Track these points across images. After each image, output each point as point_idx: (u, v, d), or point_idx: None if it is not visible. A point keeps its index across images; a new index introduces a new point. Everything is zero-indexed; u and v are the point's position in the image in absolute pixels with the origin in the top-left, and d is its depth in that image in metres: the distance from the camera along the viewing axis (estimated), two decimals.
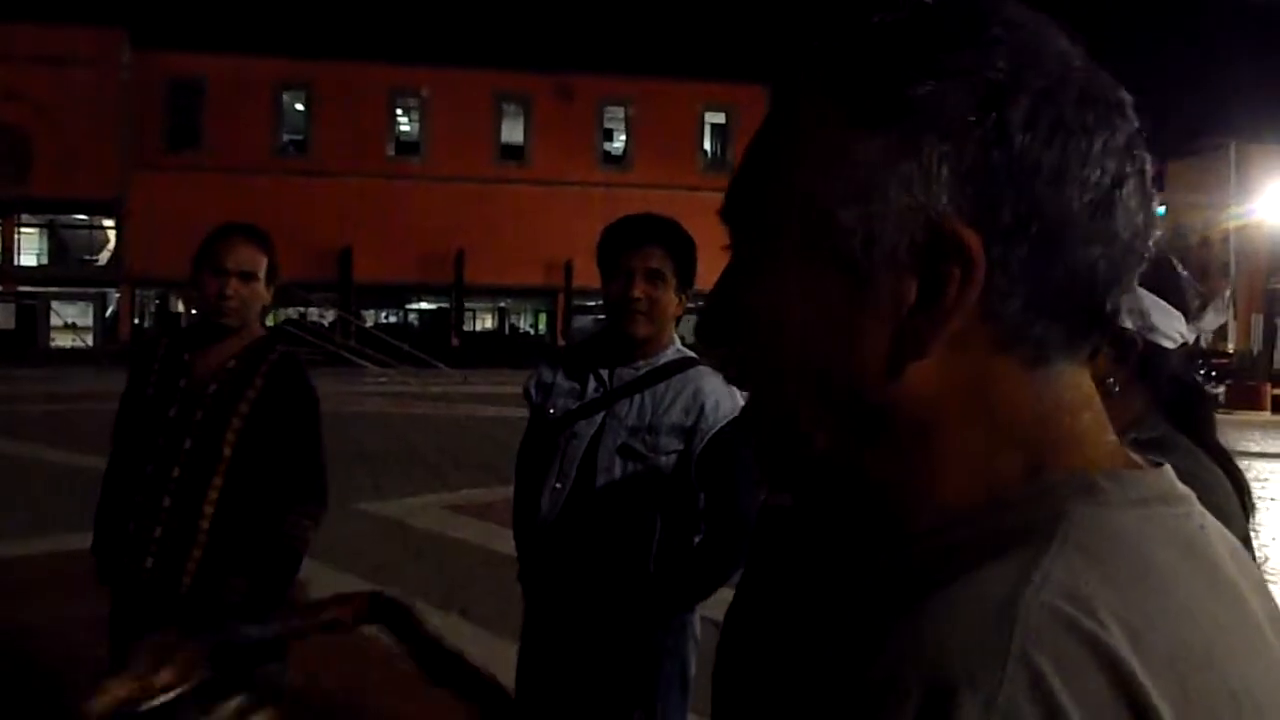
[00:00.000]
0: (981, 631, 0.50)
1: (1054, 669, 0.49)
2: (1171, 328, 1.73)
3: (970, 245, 0.56)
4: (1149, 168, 0.61)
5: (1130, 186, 0.59)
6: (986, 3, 0.61)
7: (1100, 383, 0.72)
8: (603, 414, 2.66)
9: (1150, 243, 0.62)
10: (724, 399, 2.64)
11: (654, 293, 2.64)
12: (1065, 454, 0.59)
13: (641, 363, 2.69)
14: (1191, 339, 1.77)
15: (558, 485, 2.66)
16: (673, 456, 2.61)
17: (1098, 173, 0.58)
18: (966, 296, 0.57)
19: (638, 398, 2.65)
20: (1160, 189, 0.62)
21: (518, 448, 2.88)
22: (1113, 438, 0.63)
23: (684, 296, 2.71)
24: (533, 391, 2.82)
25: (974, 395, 0.59)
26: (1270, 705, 0.55)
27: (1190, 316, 1.75)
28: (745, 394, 0.67)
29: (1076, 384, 0.61)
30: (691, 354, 2.76)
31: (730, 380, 0.67)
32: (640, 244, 2.65)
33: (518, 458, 2.85)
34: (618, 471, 2.61)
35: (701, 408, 2.61)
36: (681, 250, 2.69)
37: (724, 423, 2.61)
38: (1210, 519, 0.62)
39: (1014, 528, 0.55)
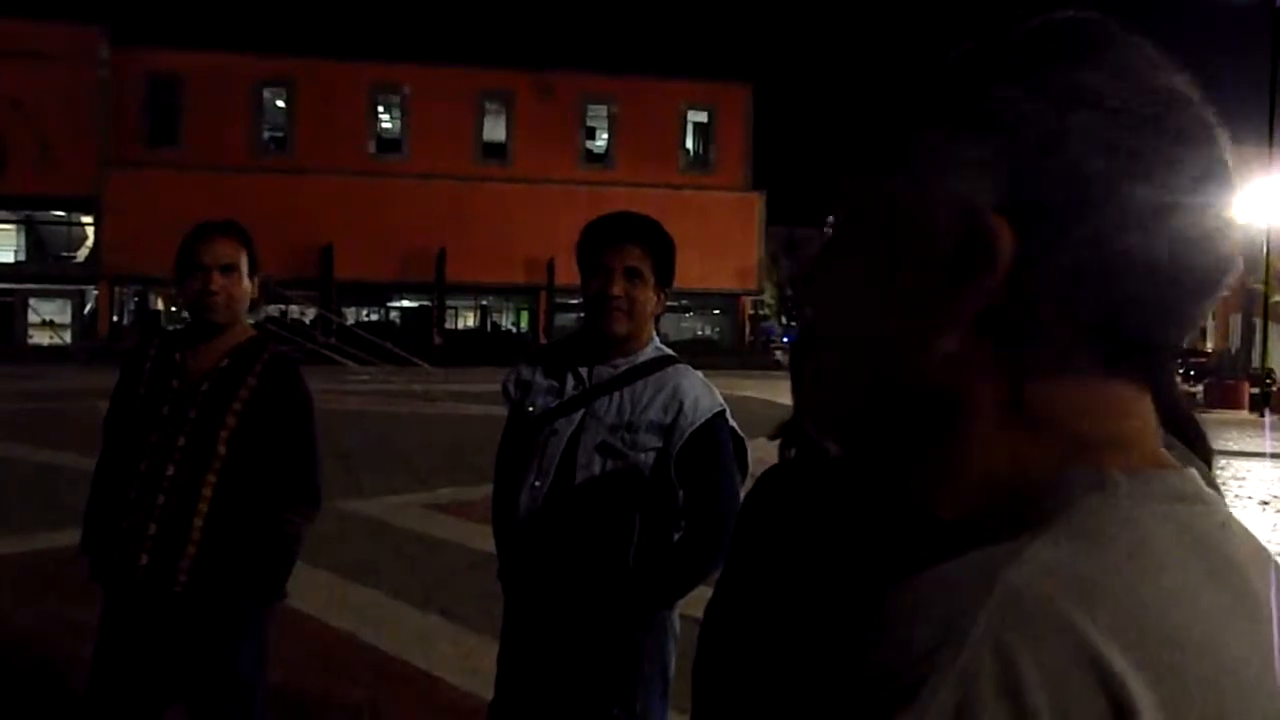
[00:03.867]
0: (956, 601, 0.52)
1: (1019, 643, 0.50)
2: None
3: (998, 237, 0.59)
4: (1226, 207, 0.61)
5: (1186, 217, 0.60)
6: (1084, 22, 0.63)
7: None
8: (582, 412, 2.66)
9: (1220, 280, 0.62)
10: (703, 396, 2.65)
11: (633, 291, 2.64)
12: (1095, 454, 0.60)
13: (620, 360, 2.69)
14: None
15: (537, 483, 2.66)
16: (651, 454, 2.61)
17: (1148, 197, 0.59)
18: (988, 285, 0.59)
19: (617, 395, 2.65)
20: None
21: (498, 446, 2.88)
22: (1154, 444, 0.64)
23: (663, 295, 2.72)
24: (511, 389, 2.82)
25: (999, 394, 0.61)
26: (1266, 700, 0.56)
27: None
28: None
29: (1116, 397, 0.62)
30: (670, 352, 2.77)
31: (802, 337, 0.74)
32: (619, 242, 2.66)
33: (497, 456, 2.85)
34: (597, 469, 2.61)
35: (680, 405, 2.61)
36: (660, 249, 2.69)
37: (703, 420, 2.62)
38: (1237, 522, 0.62)
39: (1023, 516, 0.57)
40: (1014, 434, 0.61)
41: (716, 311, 46.13)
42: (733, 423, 2.73)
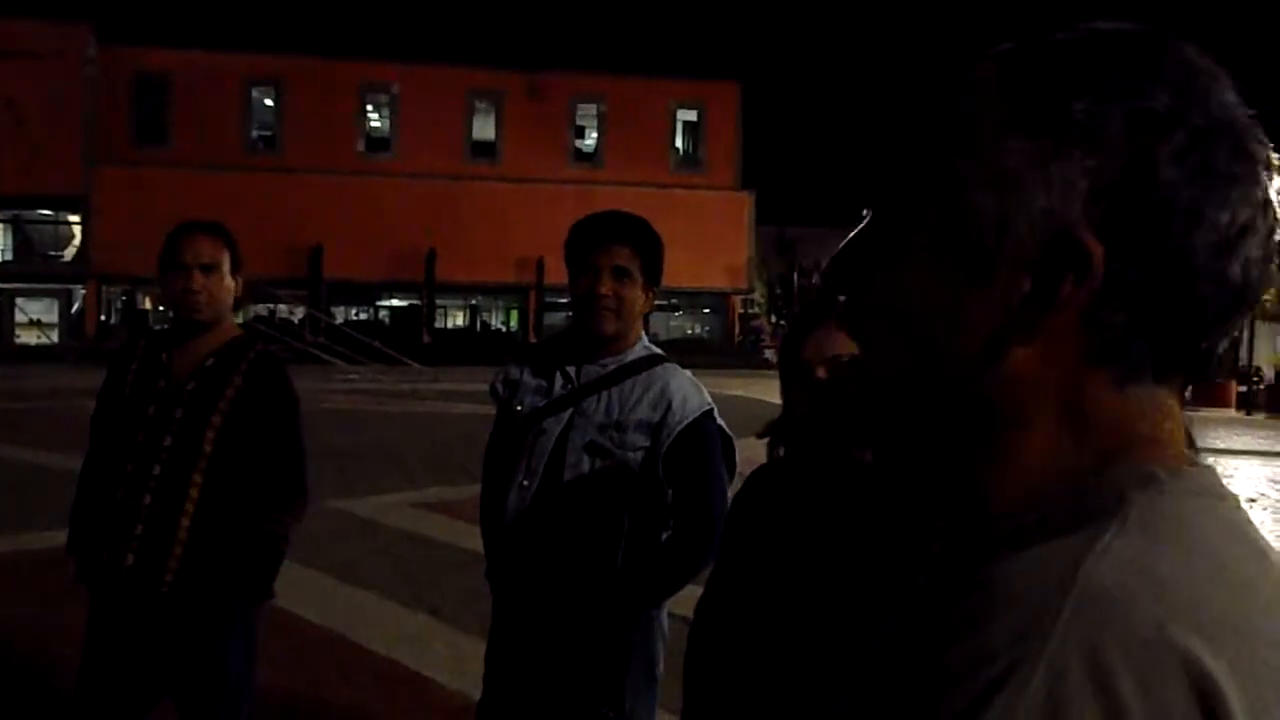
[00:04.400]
0: (1040, 595, 0.55)
1: (1105, 632, 0.53)
2: None
3: (1093, 253, 0.61)
4: (1279, 229, 0.64)
5: (1255, 239, 0.63)
6: (1165, 39, 0.65)
7: None
8: (570, 411, 2.66)
9: (1259, 296, 0.65)
10: (691, 395, 2.66)
11: (621, 290, 2.64)
12: (1135, 454, 0.63)
13: (609, 360, 2.69)
14: None
15: (525, 483, 2.66)
16: (640, 453, 2.61)
17: (1228, 218, 0.61)
18: (1077, 298, 0.62)
19: (605, 395, 2.65)
20: None
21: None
22: (1183, 444, 0.66)
23: (651, 294, 2.72)
24: (499, 389, 2.82)
25: (1063, 395, 0.64)
26: None
27: None
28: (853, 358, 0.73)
29: (1160, 401, 0.65)
30: (659, 351, 2.77)
31: (840, 325, 0.73)
32: (607, 242, 2.66)
33: (485, 455, 2.85)
34: (585, 468, 2.61)
35: (669, 404, 2.61)
36: (648, 248, 2.69)
37: (691, 419, 2.62)
38: (1250, 517, 0.65)
39: (1080, 510, 0.60)
40: (1070, 433, 0.64)
41: (706, 310, 46.15)
42: (721, 422, 2.73)
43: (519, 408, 2.74)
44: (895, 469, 0.75)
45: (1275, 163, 0.65)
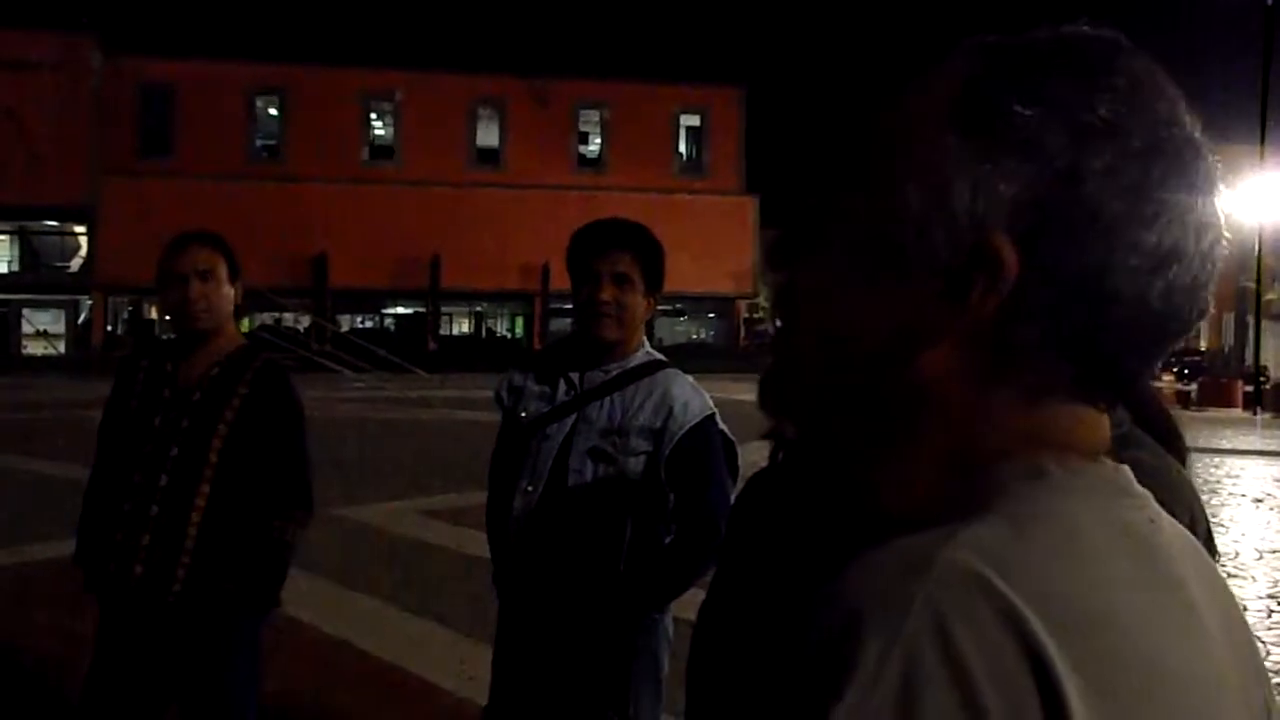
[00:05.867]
0: (895, 580, 0.54)
1: (957, 617, 0.52)
2: None
3: (1005, 261, 0.59)
4: (1217, 256, 0.62)
5: (1184, 265, 0.60)
6: (1118, 50, 0.63)
7: None
8: (574, 417, 2.68)
9: (1189, 327, 0.63)
10: (692, 400, 2.67)
11: (622, 296, 2.65)
12: (1034, 450, 0.62)
13: (612, 365, 2.71)
14: None
15: (529, 488, 2.68)
16: (642, 458, 2.63)
17: (1154, 240, 0.59)
18: (986, 304, 0.60)
19: (608, 400, 2.67)
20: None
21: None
22: (1096, 447, 0.64)
23: (652, 300, 2.73)
24: (504, 395, 2.83)
25: (965, 404, 0.62)
26: (1192, 683, 0.58)
27: None
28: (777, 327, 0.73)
29: (1077, 413, 0.63)
30: (661, 357, 2.78)
31: (774, 348, 0.73)
32: (608, 248, 2.67)
33: (491, 461, 2.86)
34: (589, 473, 2.63)
35: (670, 410, 2.63)
36: (649, 254, 2.71)
37: (692, 423, 2.64)
38: (1166, 518, 0.64)
39: (959, 501, 0.59)
40: (971, 435, 0.62)
41: (711, 315, 46.17)
42: (723, 426, 2.75)
43: (523, 414, 2.75)
44: (806, 455, 0.76)
45: (1216, 188, 0.62)
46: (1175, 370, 36.05)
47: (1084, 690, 0.52)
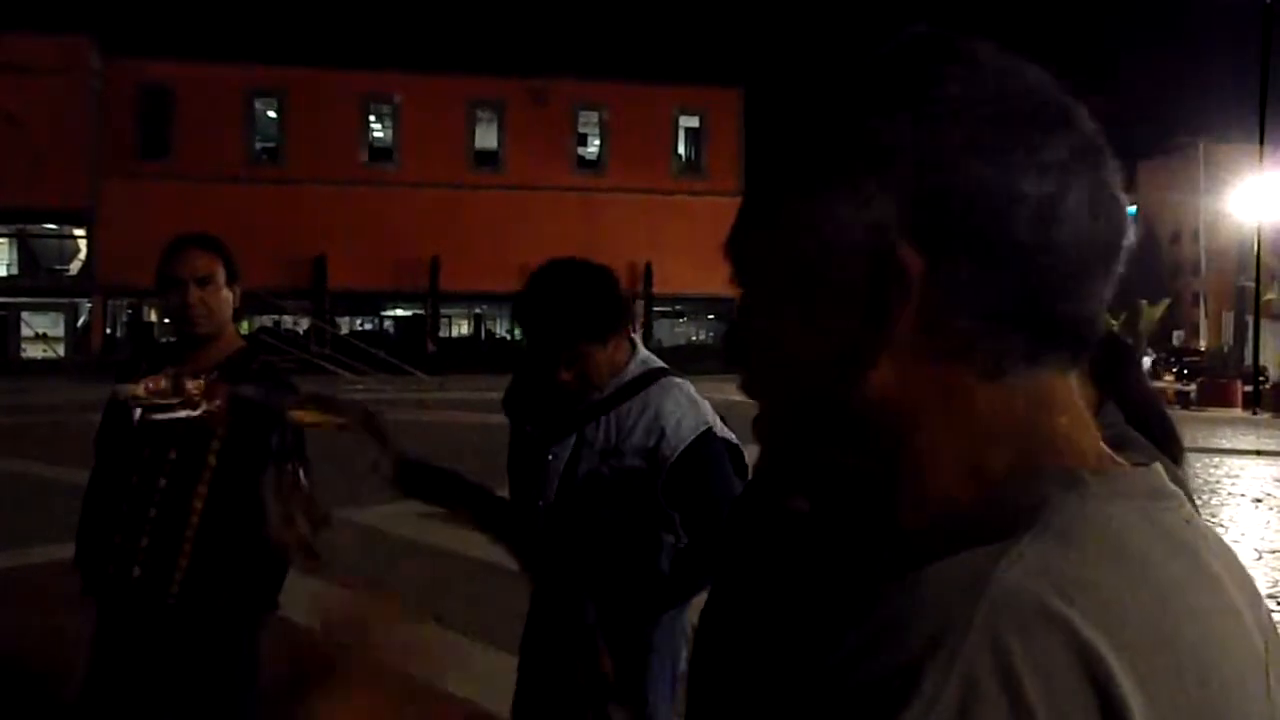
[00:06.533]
0: (950, 604, 0.53)
1: (1016, 641, 0.52)
2: None
3: (907, 265, 0.61)
4: (1106, 175, 0.64)
5: (1076, 197, 0.62)
6: (952, 40, 0.65)
7: None
8: (574, 438, 2.65)
9: (1117, 247, 0.64)
10: (685, 418, 2.60)
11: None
12: (1052, 453, 0.62)
13: (609, 381, 2.65)
14: None
15: (542, 504, 2.70)
16: (639, 478, 2.59)
17: (1036, 187, 0.61)
18: (903, 313, 0.61)
19: (604, 420, 2.62)
20: (1130, 190, 0.67)
21: (495, 455, 2.91)
22: (1096, 441, 0.65)
23: (622, 336, 2.65)
24: (510, 407, 2.87)
25: (937, 401, 0.63)
26: (1244, 689, 0.58)
27: None
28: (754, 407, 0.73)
29: (1051, 389, 0.64)
30: (658, 363, 2.73)
31: (746, 393, 0.73)
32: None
33: (508, 468, 2.87)
34: (591, 496, 2.63)
35: (662, 431, 2.57)
36: (587, 299, 2.59)
37: (686, 445, 2.57)
38: (1197, 517, 0.64)
39: (999, 517, 0.58)
40: (966, 439, 0.63)
41: (710, 317, 46.13)
42: (725, 432, 2.70)
43: (528, 427, 2.77)
44: (822, 507, 0.77)
45: (1073, 120, 0.64)
46: (1175, 370, 36.10)
47: (1147, 707, 0.52)
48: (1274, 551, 8.55)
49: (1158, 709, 0.53)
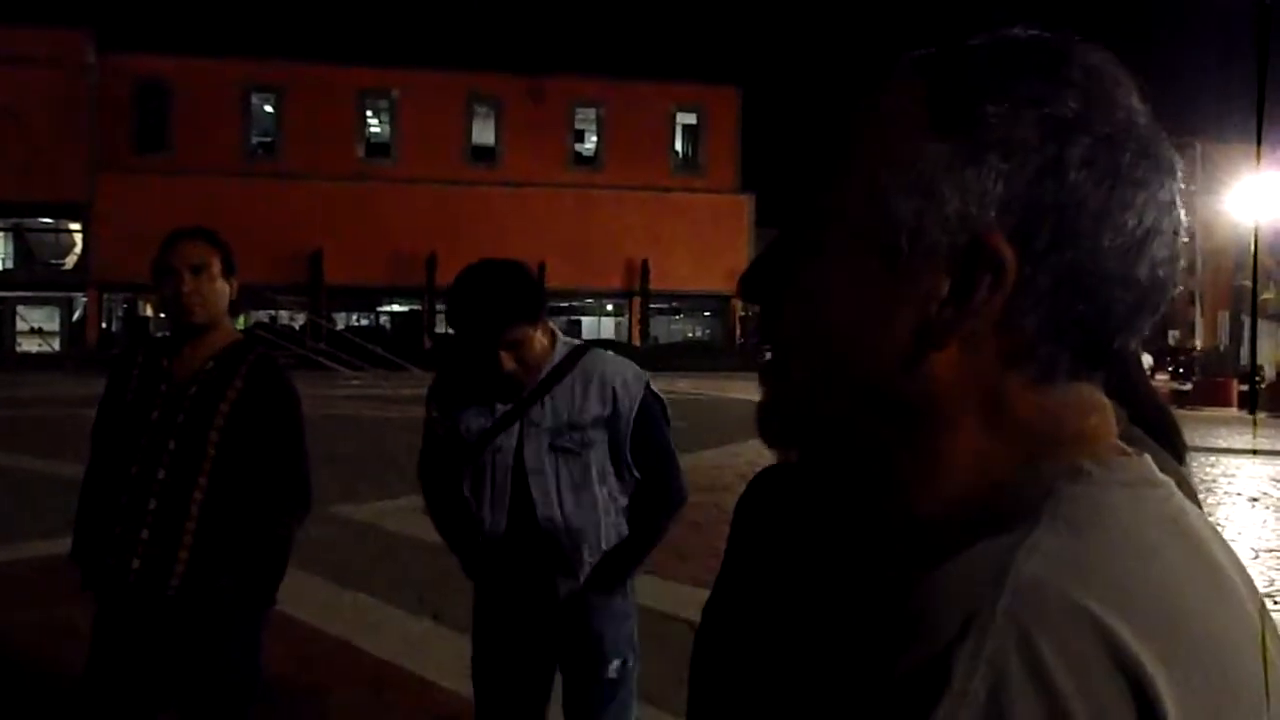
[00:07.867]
0: (974, 596, 0.55)
1: (1040, 630, 0.53)
2: None
3: (1005, 258, 0.62)
4: (1183, 230, 0.66)
5: (1161, 240, 0.64)
6: (1072, 45, 0.66)
7: None
8: (518, 424, 2.78)
9: (1168, 297, 0.66)
10: (629, 378, 2.83)
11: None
12: (1063, 450, 0.63)
13: (543, 365, 2.81)
14: None
15: (493, 499, 2.79)
16: (604, 445, 2.79)
17: (1135, 221, 0.63)
18: (992, 302, 0.62)
19: (548, 399, 2.78)
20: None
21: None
22: (1113, 434, 0.67)
23: (540, 323, 2.78)
24: (435, 415, 2.91)
25: (981, 398, 0.64)
26: (1250, 671, 0.58)
27: None
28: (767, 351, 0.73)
29: (1083, 396, 0.66)
30: (577, 341, 2.93)
31: (758, 338, 0.73)
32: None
33: (423, 472, 3.02)
34: (550, 470, 2.76)
35: (614, 394, 2.79)
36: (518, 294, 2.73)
37: (639, 399, 2.81)
38: (1189, 503, 0.66)
39: (1008, 508, 0.60)
40: (993, 435, 0.64)
41: (707, 314, 46.16)
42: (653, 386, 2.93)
43: (465, 430, 2.82)
44: (818, 474, 0.75)
45: (1176, 167, 0.66)
46: (1171, 369, 36.13)
47: (1171, 687, 0.53)
48: (1271, 550, 8.55)
49: (1181, 687, 0.54)
